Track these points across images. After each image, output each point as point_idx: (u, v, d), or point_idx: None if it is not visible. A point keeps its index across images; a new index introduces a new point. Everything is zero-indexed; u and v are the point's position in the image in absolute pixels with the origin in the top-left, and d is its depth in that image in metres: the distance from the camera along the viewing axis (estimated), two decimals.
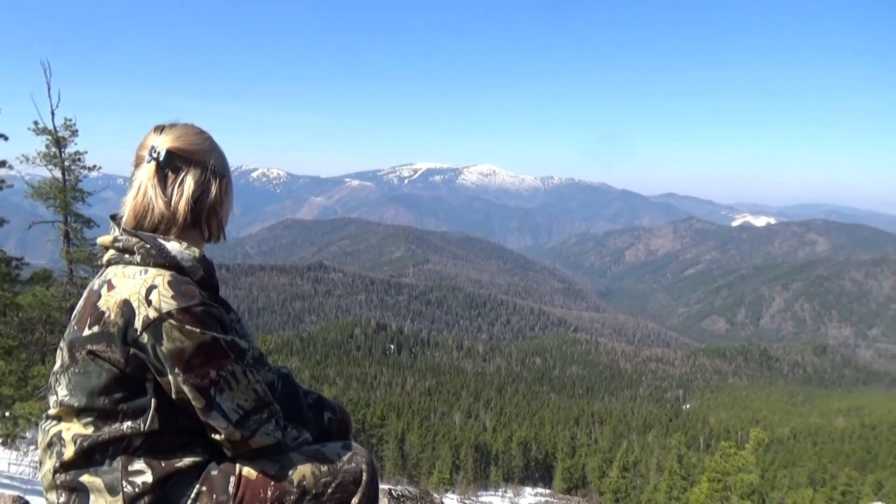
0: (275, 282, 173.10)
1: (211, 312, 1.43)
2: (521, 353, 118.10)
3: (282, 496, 1.50)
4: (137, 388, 1.41)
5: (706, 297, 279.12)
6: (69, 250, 10.44)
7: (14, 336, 9.45)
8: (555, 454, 49.38)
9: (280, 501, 1.50)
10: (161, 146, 1.52)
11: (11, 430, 8.82)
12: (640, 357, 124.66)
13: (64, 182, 10.28)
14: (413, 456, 45.01)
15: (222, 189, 1.60)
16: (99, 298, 1.41)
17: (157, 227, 1.52)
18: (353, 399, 52.08)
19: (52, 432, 1.46)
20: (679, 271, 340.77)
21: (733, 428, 61.52)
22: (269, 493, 1.49)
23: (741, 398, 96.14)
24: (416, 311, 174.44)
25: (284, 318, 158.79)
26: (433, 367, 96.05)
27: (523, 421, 64.43)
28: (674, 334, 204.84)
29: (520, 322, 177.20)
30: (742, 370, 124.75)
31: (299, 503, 1.52)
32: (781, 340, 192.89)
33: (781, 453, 52.65)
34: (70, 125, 10.22)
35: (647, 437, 60.15)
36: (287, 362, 67.85)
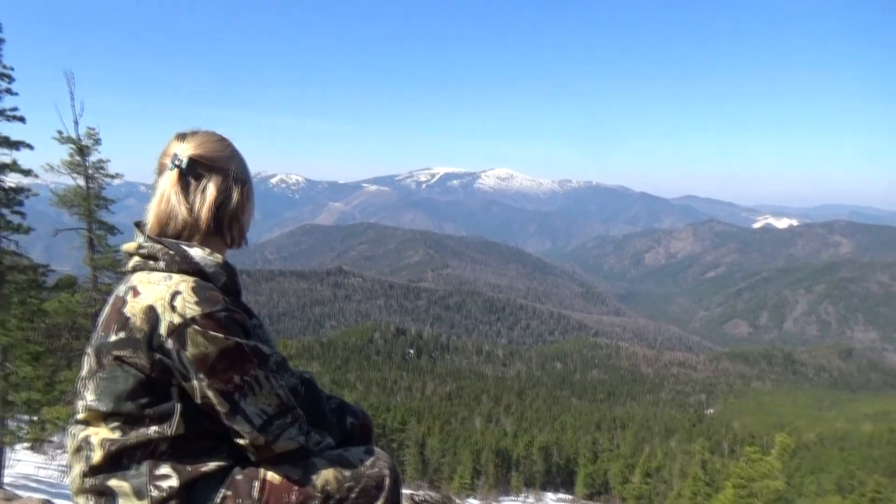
0: (295, 287, 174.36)
1: (234, 318, 1.45)
2: (542, 357, 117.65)
3: (305, 501, 1.51)
4: (163, 392, 1.43)
5: (728, 300, 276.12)
6: (93, 257, 10.57)
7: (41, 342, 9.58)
8: (576, 459, 48.96)
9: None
10: (183, 154, 1.54)
11: (39, 435, 8.93)
12: (662, 361, 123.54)
13: (87, 190, 10.42)
14: (434, 461, 44.92)
15: (244, 195, 1.62)
16: (125, 304, 1.43)
17: (180, 234, 1.53)
18: (374, 404, 52.13)
19: (80, 437, 1.47)
20: (700, 274, 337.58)
21: (758, 433, 60.60)
22: (292, 497, 1.50)
23: (765, 403, 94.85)
24: (436, 316, 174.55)
25: (304, 323, 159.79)
26: (453, 371, 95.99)
27: (544, 426, 64.06)
28: (695, 338, 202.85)
29: (539, 326, 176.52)
30: (766, 374, 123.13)
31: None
32: (806, 344, 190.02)
33: (808, 459, 51.74)
34: (93, 134, 10.37)
35: (670, 442, 59.48)
36: (308, 367, 68.09)
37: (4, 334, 8.29)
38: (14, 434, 8.72)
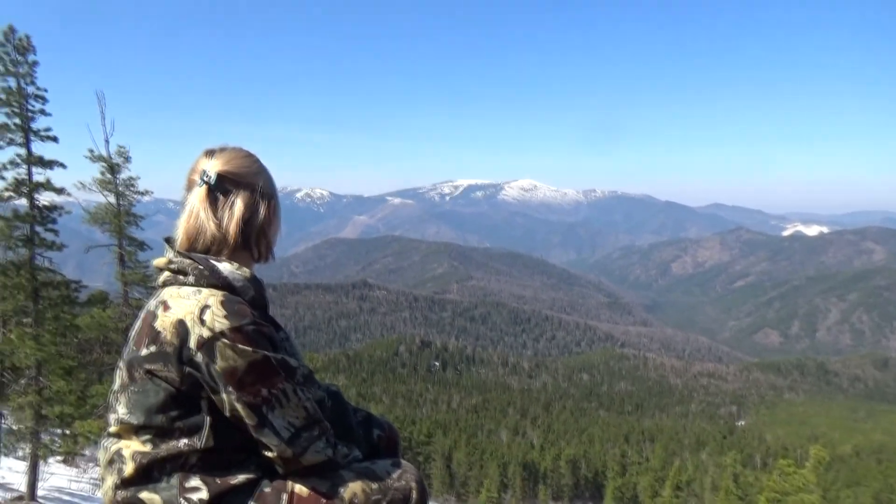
0: (320, 300, 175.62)
1: (262, 331, 1.46)
2: (568, 369, 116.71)
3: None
4: (193, 406, 1.45)
5: (758, 309, 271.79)
6: (124, 273, 10.75)
7: (73, 356, 9.75)
8: (605, 472, 48.39)
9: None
10: (212, 170, 1.56)
11: (72, 448, 9.07)
12: (691, 372, 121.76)
13: (118, 207, 10.62)
14: (461, 474, 44.73)
15: (271, 210, 1.63)
16: (155, 319, 1.46)
17: (209, 249, 1.55)
18: (400, 416, 52.16)
19: (112, 450, 1.50)
20: (728, 283, 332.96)
21: (791, 445, 59.40)
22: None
23: (798, 414, 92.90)
24: (461, 328, 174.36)
25: (330, 336, 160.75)
26: (479, 383, 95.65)
27: (571, 438, 63.45)
28: (725, 348, 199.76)
29: (565, 337, 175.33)
30: (798, 385, 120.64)
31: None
32: (839, 354, 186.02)
33: (844, 472, 50.48)
34: (123, 152, 10.58)
35: (701, 454, 58.51)
36: (334, 380, 68.09)
37: (39, 349, 8.47)
38: (47, 447, 8.88)
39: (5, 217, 8.74)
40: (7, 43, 8.49)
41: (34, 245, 8.91)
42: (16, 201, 8.90)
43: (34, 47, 8.68)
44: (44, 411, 8.84)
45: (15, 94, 8.63)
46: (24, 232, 8.91)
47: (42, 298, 9.06)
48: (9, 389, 9.45)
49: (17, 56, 8.56)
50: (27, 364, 9.15)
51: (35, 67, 8.73)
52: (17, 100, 8.66)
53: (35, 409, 8.77)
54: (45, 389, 8.90)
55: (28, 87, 8.73)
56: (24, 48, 8.56)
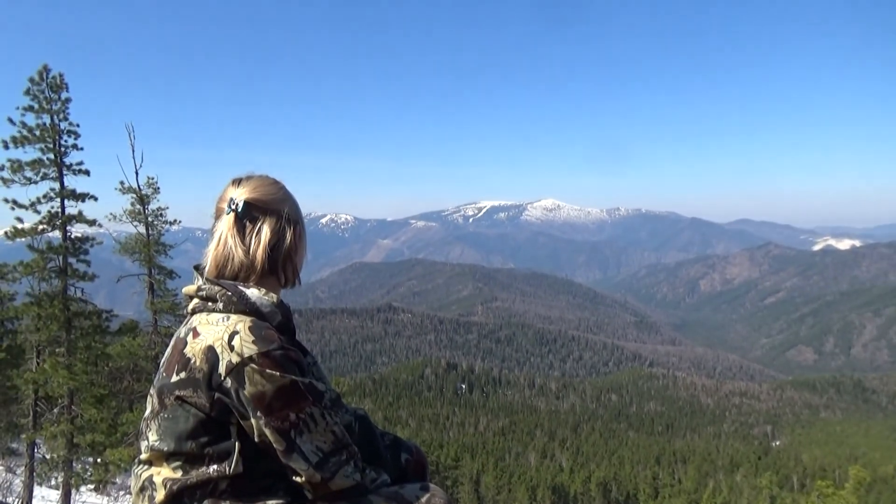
0: (346, 324, 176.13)
1: (289, 356, 1.47)
2: (596, 389, 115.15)
3: None
4: (222, 431, 1.47)
5: (790, 326, 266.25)
6: (153, 301, 10.95)
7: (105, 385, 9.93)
8: (636, 495, 47.48)
9: None
10: (239, 198, 1.60)
11: (103, 476, 9.19)
12: (723, 391, 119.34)
13: (148, 237, 10.86)
14: (489, 498, 44.20)
15: (296, 236, 1.66)
16: (185, 345, 1.48)
17: (237, 275, 1.59)
18: (426, 440, 51.83)
19: (143, 476, 1.52)
20: (758, 300, 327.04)
21: (829, 466, 57.75)
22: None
23: (836, 433, 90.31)
24: (486, 350, 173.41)
25: (356, 360, 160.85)
26: (505, 406, 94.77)
27: (601, 460, 62.42)
28: (757, 366, 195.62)
29: (592, 358, 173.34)
30: (835, 403, 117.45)
31: None
32: (877, 370, 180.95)
33: (886, 493, 48.85)
34: (153, 183, 10.85)
35: (735, 476, 57.11)
36: (360, 404, 68.00)
37: (71, 378, 8.64)
38: (80, 476, 9.01)
39: (39, 249, 9.00)
40: (42, 81, 8.82)
41: (67, 276, 9.15)
42: (49, 234, 9.16)
43: (67, 84, 9.00)
44: (76, 440, 8.99)
45: (48, 130, 8.94)
46: (57, 263, 9.16)
47: (74, 328, 9.27)
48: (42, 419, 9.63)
49: (50, 94, 8.88)
50: (60, 393, 9.34)
51: (68, 104, 9.04)
52: (51, 136, 8.96)
53: (68, 438, 8.93)
54: (77, 418, 9.06)
55: (61, 124, 9.04)
56: (57, 86, 8.88)
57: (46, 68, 8.82)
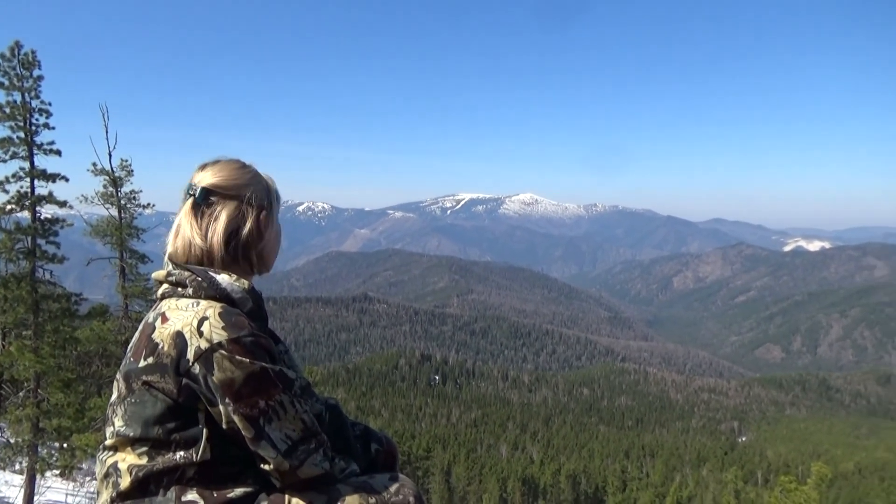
0: (320, 313, 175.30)
1: (260, 343, 1.46)
2: (568, 383, 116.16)
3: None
4: (190, 418, 1.45)
5: (759, 324, 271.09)
6: (125, 285, 10.79)
7: (72, 369, 9.77)
8: (605, 488, 48.07)
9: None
10: (201, 183, 1.59)
11: (69, 462, 9.06)
12: (692, 387, 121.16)
13: (120, 220, 10.69)
14: (460, 489, 44.45)
15: (260, 222, 1.63)
16: (153, 330, 1.46)
17: (200, 262, 1.57)
18: (399, 431, 51.94)
19: (108, 463, 1.50)
20: (729, 298, 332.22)
21: (793, 462, 59.03)
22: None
23: (800, 430, 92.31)
24: (461, 342, 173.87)
25: (330, 350, 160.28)
26: (478, 398, 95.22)
27: (571, 453, 63.09)
28: (726, 363, 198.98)
29: (566, 352, 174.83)
30: (800, 401, 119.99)
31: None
32: (841, 370, 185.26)
33: (846, 490, 50.11)
34: (126, 165, 10.67)
35: (702, 470, 58.12)
36: (333, 394, 68.18)
37: (38, 361, 8.48)
38: (45, 461, 8.86)
39: (7, 230, 8.79)
40: (13, 58, 8.59)
41: (35, 258, 8.95)
42: (18, 214, 8.96)
43: (39, 62, 8.78)
44: (42, 424, 8.84)
45: (19, 108, 8.72)
46: (26, 244, 8.96)
47: (42, 311, 9.09)
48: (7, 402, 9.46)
49: (22, 71, 8.65)
50: (26, 377, 9.16)
51: (40, 82, 8.83)
52: (22, 114, 8.74)
53: (33, 422, 8.77)
54: (43, 402, 8.91)
55: (32, 102, 8.82)
56: (29, 63, 8.66)
57: (18, 45, 8.60)
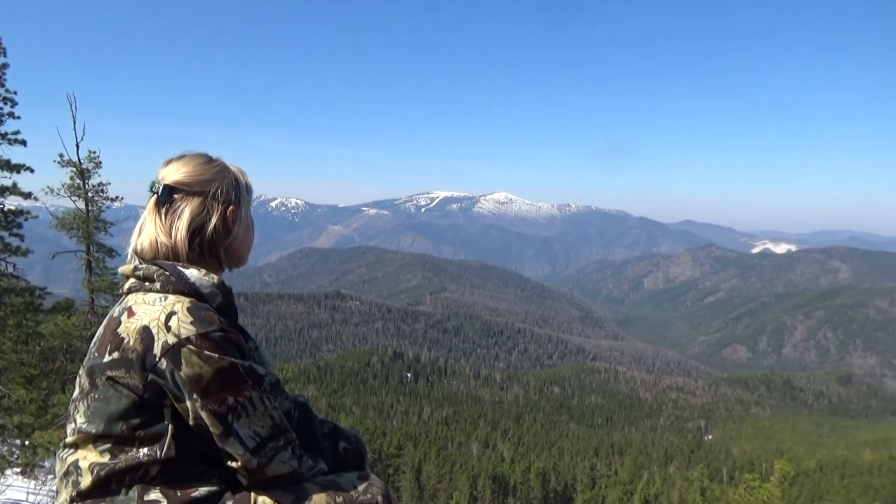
0: (292, 310, 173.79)
1: (229, 338, 1.44)
2: (539, 381, 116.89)
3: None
4: (155, 414, 1.42)
5: (727, 325, 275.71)
6: (91, 280, 10.59)
7: (35, 365, 9.55)
8: (574, 486, 48.48)
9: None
10: (165, 178, 1.55)
11: (30, 460, 8.86)
12: (661, 386, 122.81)
13: (87, 213, 10.48)
14: (430, 486, 44.46)
15: (229, 218, 1.60)
16: (119, 325, 1.43)
17: (167, 258, 1.53)
18: (370, 428, 51.73)
19: (69, 461, 1.45)
20: (699, 299, 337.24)
21: (757, 460, 60.17)
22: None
23: (765, 429, 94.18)
24: (433, 340, 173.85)
25: (302, 347, 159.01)
26: (450, 395, 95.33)
27: (542, 451, 63.50)
28: (694, 363, 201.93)
29: (537, 350, 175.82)
30: (765, 400, 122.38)
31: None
32: (805, 370, 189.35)
33: (808, 487, 51.27)
34: (94, 157, 10.46)
35: (669, 468, 58.98)
36: (304, 391, 67.71)
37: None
38: (5, 459, 8.66)
39: None
40: None
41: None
42: None
43: (4, 49, 8.56)
44: (2, 421, 8.63)
45: None
46: None
47: (4, 305, 8.88)
48: None
49: None
50: None
51: (5, 70, 8.61)
52: None
53: None
54: (4, 398, 8.70)
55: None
56: None
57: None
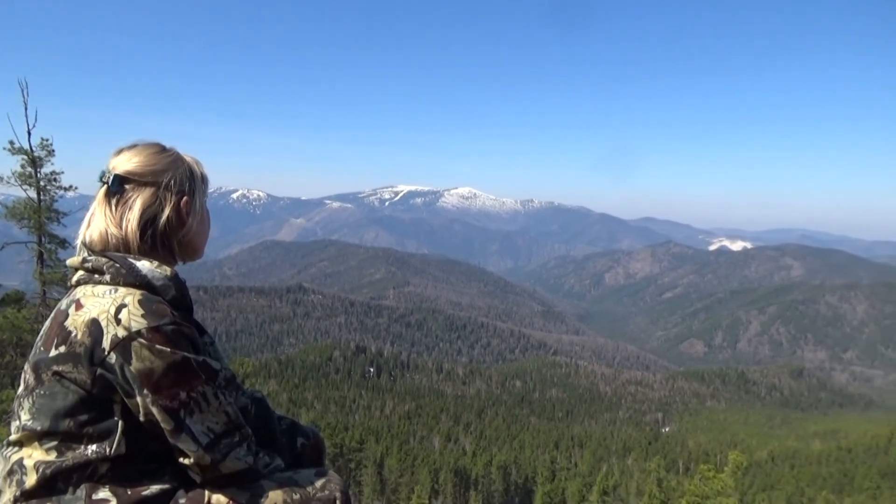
0: (253, 304, 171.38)
1: (183, 332, 1.39)
2: (501, 376, 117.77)
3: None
4: (104, 410, 1.37)
5: (684, 320, 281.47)
6: (42, 271, 10.28)
7: None
8: (535, 478, 49.04)
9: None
10: (116, 168, 1.51)
11: None
12: (620, 380, 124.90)
13: (39, 202, 10.16)
14: (392, 480, 44.46)
15: (183, 209, 1.56)
16: (66, 318, 1.38)
17: (117, 250, 1.49)
18: (332, 423, 51.44)
19: (13, 459, 1.40)
20: (657, 294, 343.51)
21: (712, 451, 61.65)
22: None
23: (719, 421, 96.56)
24: (396, 334, 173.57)
25: (263, 341, 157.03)
26: (413, 390, 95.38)
27: (503, 445, 64.02)
28: (653, 357, 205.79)
29: (500, 345, 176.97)
30: (720, 393, 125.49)
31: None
32: (759, 363, 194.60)
33: (760, 476, 52.79)
34: (47, 145, 10.13)
35: (627, 460, 60.06)
36: (265, 385, 66.95)
37: None
38: None
39: None
40: None
41: None
42: None
43: None
44: None
45: None
46: None
47: None
48: None
49: None
50: None
51: None
52: None
53: None
54: None
55: None
56: None
57: None
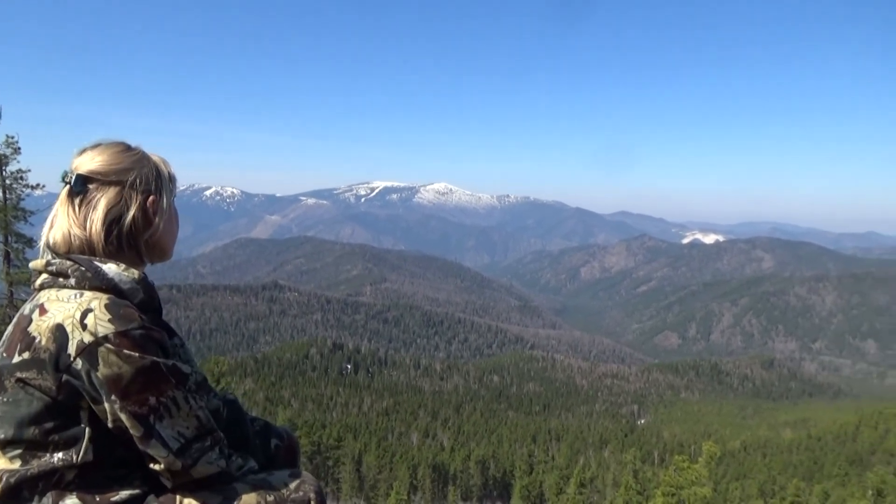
0: (228, 302, 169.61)
1: (151, 336, 1.36)
2: (479, 371, 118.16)
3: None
4: (70, 416, 1.33)
5: (659, 313, 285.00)
6: (10, 272, 10.08)
7: None
8: (513, 472, 49.33)
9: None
10: (76, 168, 1.48)
11: None
12: (596, 373, 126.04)
13: (5, 201, 9.96)
14: (370, 477, 44.39)
15: (149, 209, 1.53)
16: (30, 323, 1.35)
17: (81, 252, 1.45)
18: (309, 421, 51.14)
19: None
20: (632, 288, 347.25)
21: (686, 442, 62.56)
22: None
23: (693, 412, 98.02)
24: (373, 331, 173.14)
25: (238, 339, 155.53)
26: (390, 386, 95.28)
27: (481, 439, 64.28)
28: (628, 350, 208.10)
29: (477, 340, 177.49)
30: (694, 385, 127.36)
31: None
32: (731, 355, 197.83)
33: (733, 466, 53.75)
34: (12, 143, 9.93)
35: (604, 452, 60.69)
36: (241, 384, 66.36)
37: None
38: None
39: None
40: None
41: None
42: None
43: None
44: None
45: None
46: None
47: None
48: None
49: None
50: None
51: None
52: None
53: None
54: None
55: None
56: None
57: None
